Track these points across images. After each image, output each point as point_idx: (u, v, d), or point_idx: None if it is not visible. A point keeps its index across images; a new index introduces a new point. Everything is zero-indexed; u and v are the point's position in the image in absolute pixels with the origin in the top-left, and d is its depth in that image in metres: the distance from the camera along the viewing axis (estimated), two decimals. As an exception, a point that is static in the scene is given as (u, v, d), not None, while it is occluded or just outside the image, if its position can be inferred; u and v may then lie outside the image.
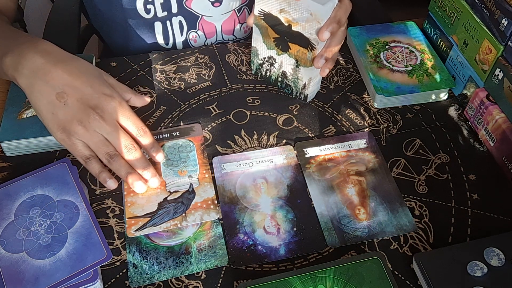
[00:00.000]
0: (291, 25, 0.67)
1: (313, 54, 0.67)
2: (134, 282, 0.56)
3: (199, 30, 0.82)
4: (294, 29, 0.67)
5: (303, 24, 0.65)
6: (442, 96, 0.76)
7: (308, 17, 0.64)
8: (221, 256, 0.58)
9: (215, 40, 0.85)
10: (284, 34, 0.69)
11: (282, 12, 0.67)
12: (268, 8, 0.68)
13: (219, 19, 0.81)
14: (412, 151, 0.69)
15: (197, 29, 0.82)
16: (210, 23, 0.82)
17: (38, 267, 0.53)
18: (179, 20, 0.80)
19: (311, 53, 0.67)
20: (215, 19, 0.81)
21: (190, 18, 0.80)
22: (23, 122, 0.67)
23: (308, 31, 0.65)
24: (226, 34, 0.85)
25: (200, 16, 0.80)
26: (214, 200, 0.63)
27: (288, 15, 0.66)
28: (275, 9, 0.67)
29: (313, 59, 0.67)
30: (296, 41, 0.68)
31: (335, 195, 0.64)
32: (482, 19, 0.69)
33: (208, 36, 0.84)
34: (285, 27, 0.68)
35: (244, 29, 0.85)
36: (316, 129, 0.72)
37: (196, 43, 0.85)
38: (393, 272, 0.57)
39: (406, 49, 0.80)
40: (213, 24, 0.82)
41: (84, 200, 0.59)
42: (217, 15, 0.80)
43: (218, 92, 0.76)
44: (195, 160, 0.67)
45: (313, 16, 0.64)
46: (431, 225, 0.61)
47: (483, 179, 0.66)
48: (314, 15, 0.63)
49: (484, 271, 0.54)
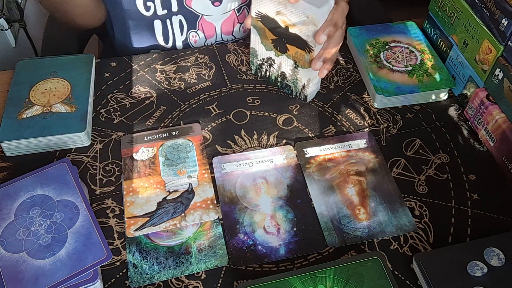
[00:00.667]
0: (288, 27, 0.67)
1: (311, 56, 0.67)
2: (134, 282, 0.56)
3: (199, 30, 0.82)
4: (291, 31, 0.67)
5: (300, 26, 0.65)
6: (442, 96, 0.76)
7: (304, 20, 0.64)
8: (221, 256, 0.58)
9: (214, 41, 0.85)
10: (282, 36, 0.69)
11: (278, 14, 0.66)
12: (265, 10, 0.68)
13: (219, 18, 0.81)
14: (412, 151, 0.69)
15: (197, 29, 0.82)
16: (210, 23, 0.82)
17: (38, 267, 0.53)
18: (179, 19, 0.80)
19: (309, 54, 0.67)
20: (215, 19, 0.81)
21: (190, 18, 0.80)
22: (23, 122, 0.67)
23: (305, 33, 0.65)
24: (225, 34, 0.85)
25: (200, 15, 0.80)
26: (213, 200, 0.63)
27: (285, 17, 0.66)
28: (272, 11, 0.67)
29: (311, 61, 0.67)
30: (293, 43, 0.68)
31: (335, 195, 0.64)
32: (482, 19, 0.69)
33: (207, 37, 0.84)
34: (282, 29, 0.67)
35: (243, 29, 0.85)
36: (316, 129, 0.72)
37: (196, 43, 0.85)
38: (393, 272, 0.57)
39: (406, 49, 0.80)
40: (212, 25, 0.82)
41: (84, 200, 0.59)
42: (217, 15, 0.80)
43: (218, 92, 0.76)
44: (194, 160, 0.67)
45: (309, 19, 0.63)
46: (431, 225, 0.61)
47: (483, 179, 0.66)
48: (311, 17, 0.63)
49: (484, 271, 0.54)
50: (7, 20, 1.27)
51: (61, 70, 0.74)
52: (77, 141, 0.68)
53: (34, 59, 0.76)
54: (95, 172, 0.66)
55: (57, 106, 0.69)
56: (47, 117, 0.68)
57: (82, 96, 0.71)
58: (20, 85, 0.72)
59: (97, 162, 0.67)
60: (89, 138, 0.69)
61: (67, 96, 0.71)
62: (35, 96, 0.70)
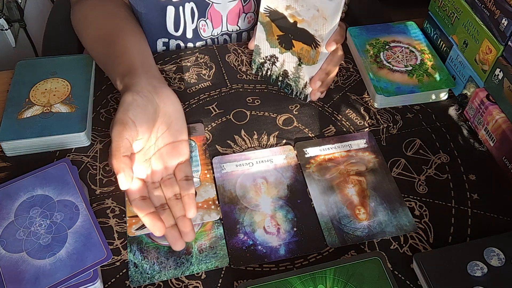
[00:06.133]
0: (296, 22, 0.67)
1: (316, 52, 0.67)
2: (134, 282, 0.56)
3: (208, 19, 0.82)
4: (300, 26, 0.67)
5: (309, 20, 0.66)
6: (442, 96, 0.76)
7: (314, 14, 0.64)
8: (221, 257, 0.58)
9: (220, 30, 0.85)
10: (289, 32, 0.69)
11: (288, 8, 0.67)
12: (274, 5, 0.69)
13: (226, 7, 0.81)
14: (412, 151, 0.69)
15: (206, 18, 0.82)
16: (217, 12, 0.82)
17: (38, 267, 0.53)
18: (191, 7, 0.80)
19: (315, 50, 0.67)
20: (222, 7, 0.81)
21: (201, 6, 0.80)
22: (23, 122, 0.67)
23: (314, 27, 0.66)
24: (230, 24, 0.85)
25: (211, 3, 0.80)
26: (215, 200, 0.63)
27: (294, 11, 0.67)
28: (282, 5, 0.68)
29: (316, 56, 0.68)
30: (300, 39, 0.68)
31: (335, 195, 0.64)
32: (482, 19, 0.69)
33: (215, 26, 0.84)
34: (290, 24, 0.68)
35: (248, 19, 0.85)
36: (316, 129, 0.72)
37: (205, 32, 0.85)
38: (393, 272, 0.57)
39: (406, 49, 0.80)
40: (220, 14, 0.82)
41: (84, 200, 0.59)
42: (224, 3, 0.80)
43: (218, 92, 0.76)
44: (197, 160, 0.67)
45: (319, 12, 0.64)
46: (431, 225, 0.61)
47: (483, 179, 0.66)
48: (321, 11, 0.64)
49: (484, 271, 0.54)
50: (7, 20, 1.27)
51: (61, 70, 0.74)
52: (77, 141, 0.68)
53: (34, 59, 0.76)
54: (95, 172, 0.66)
55: (57, 106, 0.69)
56: (47, 117, 0.68)
57: (82, 96, 0.71)
58: (20, 85, 0.72)
59: (97, 162, 0.67)
60: (89, 138, 0.69)
61: (67, 96, 0.71)
62: (35, 96, 0.70)
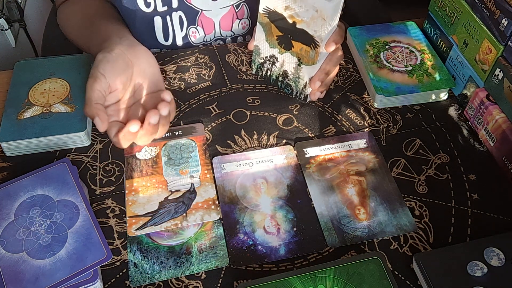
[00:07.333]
0: (295, 23, 0.67)
1: (316, 52, 0.67)
2: (134, 282, 0.56)
3: (199, 26, 0.82)
4: (299, 26, 0.67)
5: (308, 21, 0.66)
6: (442, 96, 0.76)
7: (313, 14, 0.64)
8: (221, 257, 0.58)
9: (213, 36, 0.85)
10: (288, 32, 0.69)
11: (287, 9, 0.67)
12: (273, 6, 0.68)
13: (218, 13, 0.81)
14: (412, 151, 0.69)
15: (196, 25, 0.82)
16: (209, 19, 0.82)
17: (38, 267, 0.53)
18: (179, 16, 0.80)
19: (314, 51, 0.67)
20: (213, 14, 0.81)
21: (190, 14, 0.80)
22: (23, 122, 0.67)
23: (313, 28, 0.66)
24: (224, 30, 0.85)
25: (200, 11, 0.80)
26: (215, 200, 0.63)
27: (293, 12, 0.67)
28: (281, 6, 0.68)
29: (315, 57, 0.68)
30: (299, 39, 0.68)
31: (335, 195, 0.64)
32: (482, 19, 0.69)
33: (207, 32, 0.84)
34: (290, 24, 0.68)
35: (242, 25, 0.85)
36: (316, 129, 0.72)
37: (196, 39, 0.85)
38: (393, 272, 0.57)
39: (406, 49, 0.80)
40: (211, 20, 0.82)
41: (84, 200, 0.59)
42: (216, 10, 0.81)
43: (218, 92, 0.76)
44: (197, 160, 0.67)
45: (318, 13, 0.64)
46: (431, 225, 0.61)
47: (483, 179, 0.66)
48: (320, 11, 0.64)
49: (484, 271, 0.54)
50: (7, 20, 1.27)
51: (59, 71, 0.74)
52: (77, 141, 0.68)
53: (32, 60, 0.76)
54: (95, 172, 0.66)
55: (57, 106, 0.69)
56: (47, 117, 0.68)
57: (81, 96, 0.71)
58: (18, 86, 0.72)
59: (97, 162, 0.67)
60: (89, 138, 0.69)
61: (66, 96, 0.71)
62: (34, 97, 0.70)
